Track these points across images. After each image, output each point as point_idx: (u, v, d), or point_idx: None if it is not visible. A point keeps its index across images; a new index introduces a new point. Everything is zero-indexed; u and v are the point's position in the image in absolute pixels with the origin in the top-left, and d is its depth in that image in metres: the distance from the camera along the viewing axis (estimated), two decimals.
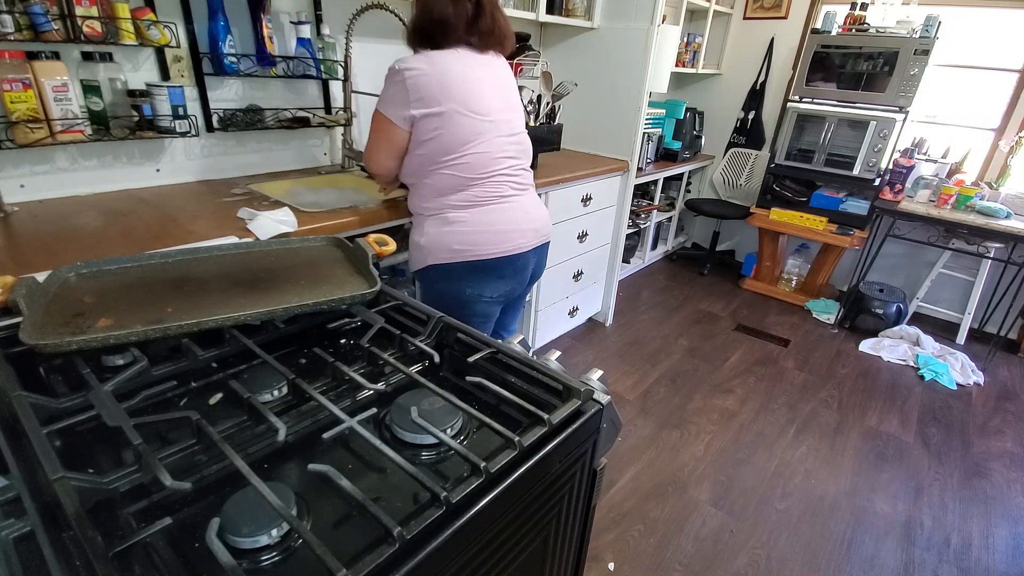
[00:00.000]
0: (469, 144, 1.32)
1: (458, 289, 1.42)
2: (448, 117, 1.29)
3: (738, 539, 1.71)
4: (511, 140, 1.41)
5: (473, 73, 1.33)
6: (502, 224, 1.40)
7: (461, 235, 1.36)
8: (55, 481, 0.49)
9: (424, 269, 1.42)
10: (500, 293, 1.47)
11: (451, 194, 1.36)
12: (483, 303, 1.46)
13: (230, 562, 0.45)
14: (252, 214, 1.32)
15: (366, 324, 0.86)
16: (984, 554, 1.73)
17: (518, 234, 1.42)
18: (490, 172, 1.37)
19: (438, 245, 1.38)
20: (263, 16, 1.65)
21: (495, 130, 1.36)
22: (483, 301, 1.46)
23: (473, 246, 1.37)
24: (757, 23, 3.69)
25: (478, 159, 1.34)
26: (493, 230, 1.39)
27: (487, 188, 1.37)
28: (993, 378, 2.81)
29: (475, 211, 1.37)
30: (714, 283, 3.76)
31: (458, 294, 1.43)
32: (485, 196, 1.38)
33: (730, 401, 2.43)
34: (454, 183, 1.35)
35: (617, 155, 2.65)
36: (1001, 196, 2.87)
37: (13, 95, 1.25)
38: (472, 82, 1.32)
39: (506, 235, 1.40)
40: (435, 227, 1.38)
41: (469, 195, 1.36)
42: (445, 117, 1.28)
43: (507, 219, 1.41)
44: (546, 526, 0.72)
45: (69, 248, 1.12)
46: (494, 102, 1.36)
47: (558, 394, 0.73)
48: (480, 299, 1.45)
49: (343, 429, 0.62)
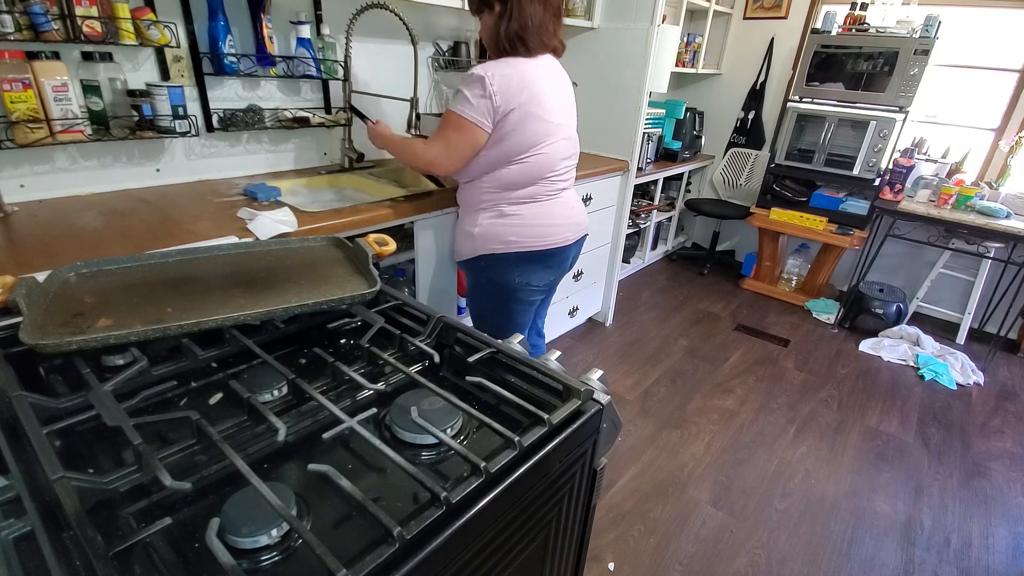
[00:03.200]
0: (539, 145, 1.41)
1: (507, 277, 1.52)
2: (524, 118, 1.36)
3: (738, 539, 1.71)
4: (570, 142, 1.51)
5: (545, 78, 1.40)
6: (552, 219, 1.50)
7: (516, 227, 1.46)
8: (55, 481, 0.49)
9: (475, 258, 1.52)
10: (546, 282, 1.59)
11: (514, 190, 1.45)
12: (529, 291, 1.56)
13: (230, 562, 0.45)
14: (252, 214, 1.32)
15: (366, 324, 0.86)
16: (984, 554, 1.73)
17: (564, 227, 1.53)
18: (552, 172, 1.47)
19: (492, 236, 1.47)
20: (263, 16, 1.65)
21: (560, 132, 1.45)
22: (530, 289, 1.56)
23: (526, 238, 1.47)
24: (757, 23, 3.69)
25: (546, 160, 1.43)
26: (545, 223, 1.49)
27: (545, 186, 1.48)
28: (993, 378, 2.81)
29: (531, 206, 1.47)
30: (714, 283, 3.76)
31: (507, 282, 1.53)
32: (540, 193, 1.48)
33: (730, 401, 2.43)
34: (520, 180, 1.43)
35: (617, 155, 2.65)
36: (1001, 196, 2.87)
37: (13, 95, 1.25)
38: (544, 87, 1.39)
39: (556, 228, 1.51)
40: (490, 219, 1.47)
41: (530, 192, 1.46)
42: (522, 118, 1.35)
43: (557, 214, 1.51)
44: (546, 526, 0.72)
45: (69, 248, 1.12)
46: (560, 105, 1.45)
47: (558, 394, 0.73)
48: (527, 287, 1.55)
49: (343, 429, 0.62)
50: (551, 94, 1.41)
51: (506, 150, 1.39)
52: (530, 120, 1.37)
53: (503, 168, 1.42)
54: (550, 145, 1.43)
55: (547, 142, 1.42)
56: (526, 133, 1.37)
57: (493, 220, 1.47)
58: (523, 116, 1.35)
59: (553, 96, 1.42)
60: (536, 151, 1.41)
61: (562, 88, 1.48)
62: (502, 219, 1.46)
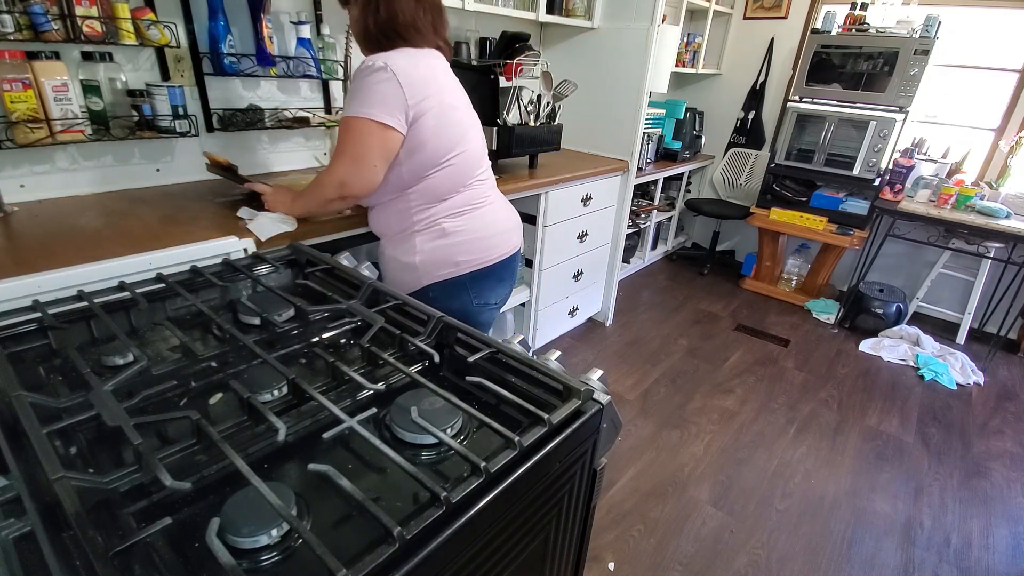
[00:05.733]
0: (460, 142, 1.25)
1: (462, 302, 1.34)
2: (442, 113, 1.19)
3: (738, 539, 1.71)
4: (481, 140, 1.35)
5: (440, 66, 1.25)
6: (495, 226, 1.35)
7: (462, 245, 1.28)
8: (55, 481, 0.49)
9: (422, 289, 1.30)
10: (502, 297, 1.44)
11: (444, 200, 1.26)
12: (488, 311, 1.41)
13: (230, 562, 0.45)
14: (252, 214, 1.32)
15: (366, 324, 0.86)
16: (984, 554, 1.73)
17: (508, 233, 1.38)
18: (475, 173, 1.31)
19: (439, 260, 1.28)
20: (263, 16, 1.65)
21: (474, 125, 1.31)
22: (488, 309, 1.40)
23: (475, 253, 1.30)
24: (757, 23, 3.69)
25: (469, 158, 1.27)
26: (491, 233, 1.33)
27: (474, 191, 1.31)
28: (993, 378, 2.81)
29: (469, 217, 1.29)
30: (714, 283, 3.76)
31: (463, 307, 1.34)
32: (473, 199, 1.30)
33: (730, 401, 2.43)
34: (447, 187, 1.25)
35: (617, 155, 2.65)
36: (1001, 196, 2.87)
37: (13, 95, 1.25)
38: (443, 74, 1.24)
39: (502, 236, 1.36)
40: (430, 241, 1.27)
41: (461, 200, 1.28)
42: (441, 111, 1.19)
43: (497, 220, 1.36)
44: (546, 526, 0.72)
45: (69, 248, 1.12)
46: (461, 94, 1.30)
47: (558, 394, 0.73)
48: (485, 308, 1.39)
49: (343, 429, 0.62)
50: (451, 81, 1.26)
51: (430, 153, 1.20)
52: (450, 112, 1.20)
53: (428, 177, 1.22)
54: (469, 141, 1.27)
55: (466, 138, 1.26)
56: (448, 128, 1.20)
57: (436, 242, 1.26)
58: (441, 109, 1.18)
59: (454, 84, 1.27)
60: (459, 149, 1.24)
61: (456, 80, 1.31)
62: (444, 239, 1.26)
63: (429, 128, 1.18)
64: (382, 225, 1.33)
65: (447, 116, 1.21)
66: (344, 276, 1.06)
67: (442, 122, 1.20)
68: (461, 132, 1.25)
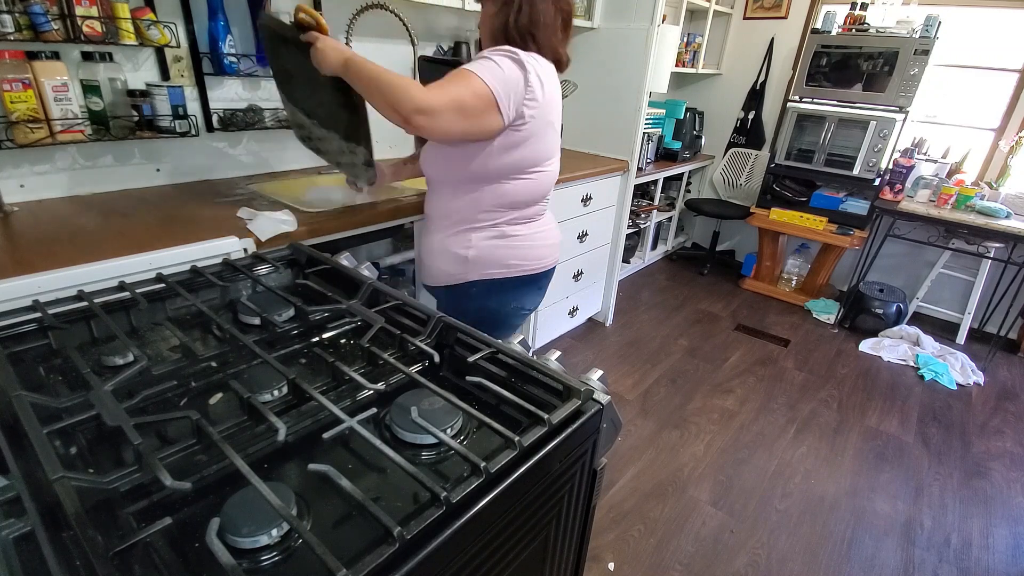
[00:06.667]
0: (548, 161, 1.30)
1: (503, 303, 1.38)
2: (545, 126, 1.23)
3: (738, 539, 1.71)
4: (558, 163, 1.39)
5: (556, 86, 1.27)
6: (548, 238, 1.40)
7: (519, 250, 1.32)
8: (55, 481, 0.49)
9: (466, 284, 1.33)
10: (535, 304, 1.48)
11: (519, 208, 1.30)
12: (521, 315, 1.46)
13: (230, 562, 0.45)
14: (252, 214, 1.32)
15: (366, 324, 0.86)
16: (984, 554, 1.73)
17: (556, 247, 1.45)
18: (548, 193, 1.37)
19: (492, 259, 1.30)
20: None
21: (559, 149, 1.36)
22: (522, 313, 1.45)
23: (528, 260, 1.35)
24: (757, 23, 3.69)
25: (549, 177, 1.33)
26: (544, 244, 1.38)
27: (540, 206, 1.37)
28: (993, 378, 2.81)
29: (528, 226, 1.34)
30: (714, 283, 3.76)
31: (501, 308, 1.38)
32: (537, 213, 1.36)
33: (730, 401, 2.43)
34: (526, 198, 1.29)
35: (617, 155, 2.65)
36: (1001, 196, 2.87)
37: (13, 95, 1.25)
38: (557, 94, 1.28)
39: (552, 248, 1.42)
40: (489, 240, 1.29)
41: (532, 211, 1.33)
42: (543, 124, 1.22)
43: (549, 234, 1.42)
44: (546, 526, 0.72)
45: (69, 248, 1.12)
46: (560, 122, 1.35)
47: (558, 394, 0.73)
48: (520, 311, 1.44)
49: (343, 429, 0.62)
50: (560, 100, 1.30)
51: (520, 158, 1.22)
52: (548, 129, 1.24)
53: (510, 181, 1.25)
54: (555, 162, 1.33)
55: (555, 156, 1.32)
56: (543, 143, 1.24)
57: (494, 242, 1.29)
58: (544, 123, 1.22)
59: (560, 104, 1.32)
60: (547, 166, 1.29)
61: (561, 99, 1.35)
62: (503, 240, 1.29)
63: (527, 137, 1.20)
64: (444, 211, 1.31)
65: (544, 131, 1.23)
66: (344, 276, 1.06)
67: (539, 135, 1.22)
68: (551, 151, 1.29)
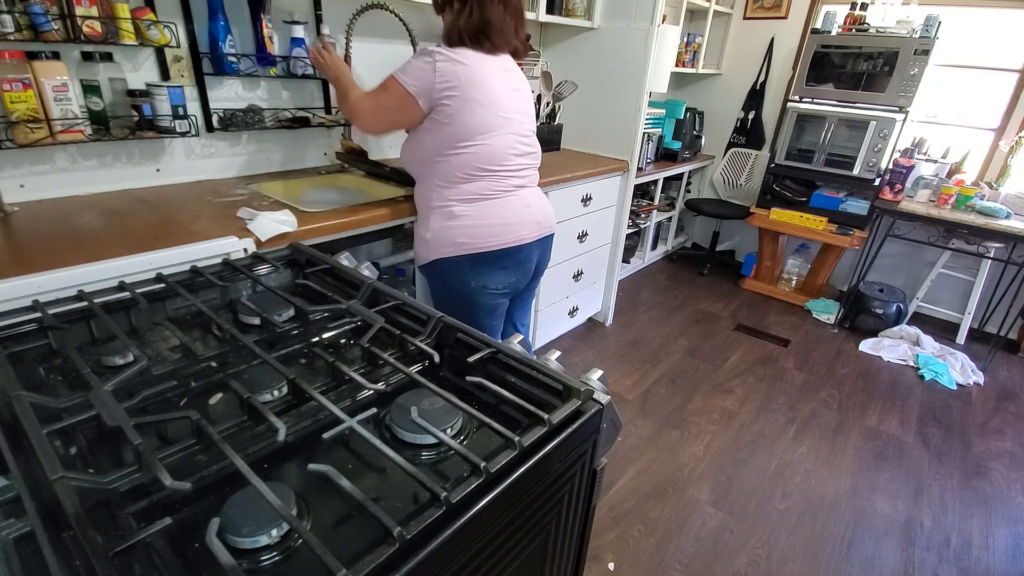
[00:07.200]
0: (484, 135, 1.38)
1: (462, 282, 1.48)
2: (465, 103, 1.34)
3: (738, 539, 1.71)
4: (521, 139, 1.47)
5: (497, 74, 1.40)
6: (503, 217, 1.45)
7: (465, 228, 1.42)
8: (55, 481, 0.49)
9: (430, 263, 1.49)
10: (504, 285, 1.53)
11: (459, 185, 1.41)
12: (488, 295, 1.52)
13: (230, 562, 0.45)
14: (252, 214, 1.32)
15: (366, 324, 0.86)
16: (984, 554, 1.73)
17: (519, 226, 1.48)
18: (498, 167, 1.43)
19: (443, 239, 1.43)
20: (263, 16, 1.65)
21: (508, 127, 1.42)
22: (487, 293, 1.51)
23: (475, 239, 1.43)
24: (757, 23, 3.69)
25: (489, 151, 1.40)
26: (494, 223, 1.44)
27: (492, 183, 1.43)
28: (993, 378, 2.81)
29: (479, 205, 1.43)
30: (714, 283, 3.76)
31: (462, 287, 1.48)
32: (490, 191, 1.43)
33: (730, 401, 2.43)
34: (464, 172, 1.40)
35: (617, 155, 2.65)
36: (1001, 196, 2.87)
37: (13, 95, 1.25)
38: (493, 78, 1.38)
39: (507, 227, 1.46)
40: (440, 221, 1.43)
41: (475, 188, 1.42)
42: (463, 103, 1.34)
43: (508, 212, 1.46)
44: (546, 526, 0.72)
45: (69, 248, 1.12)
46: (510, 101, 1.43)
47: (558, 394, 0.73)
48: (485, 291, 1.50)
49: (343, 429, 0.62)
50: (500, 86, 1.40)
51: (449, 135, 1.36)
52: (472, 105, 1.35)
53: (446, 156, 1.39)
54: (495, 137, 1.40)
55: (492, 133, 1.39)
56: (468, 119, 1.35)
57: (443, 222, 1.43)
58: (464, 101, 1.34)
59: (503, 89, 1.41)
60: (480, 140, 1.38)
61: (516, 86, 1.47)
62: (451, 220, 1.42)
63: (450, 115, 1.35)
64: (416, 200, 1.53)
65: (469, 107, 1.35)
66: (344, 276, 1.06)
67: (465, 111, 1.35)
68: (482, 126, 1.38)
